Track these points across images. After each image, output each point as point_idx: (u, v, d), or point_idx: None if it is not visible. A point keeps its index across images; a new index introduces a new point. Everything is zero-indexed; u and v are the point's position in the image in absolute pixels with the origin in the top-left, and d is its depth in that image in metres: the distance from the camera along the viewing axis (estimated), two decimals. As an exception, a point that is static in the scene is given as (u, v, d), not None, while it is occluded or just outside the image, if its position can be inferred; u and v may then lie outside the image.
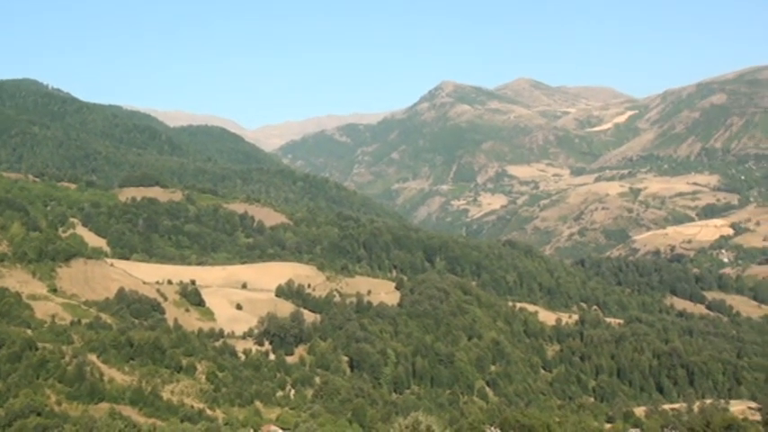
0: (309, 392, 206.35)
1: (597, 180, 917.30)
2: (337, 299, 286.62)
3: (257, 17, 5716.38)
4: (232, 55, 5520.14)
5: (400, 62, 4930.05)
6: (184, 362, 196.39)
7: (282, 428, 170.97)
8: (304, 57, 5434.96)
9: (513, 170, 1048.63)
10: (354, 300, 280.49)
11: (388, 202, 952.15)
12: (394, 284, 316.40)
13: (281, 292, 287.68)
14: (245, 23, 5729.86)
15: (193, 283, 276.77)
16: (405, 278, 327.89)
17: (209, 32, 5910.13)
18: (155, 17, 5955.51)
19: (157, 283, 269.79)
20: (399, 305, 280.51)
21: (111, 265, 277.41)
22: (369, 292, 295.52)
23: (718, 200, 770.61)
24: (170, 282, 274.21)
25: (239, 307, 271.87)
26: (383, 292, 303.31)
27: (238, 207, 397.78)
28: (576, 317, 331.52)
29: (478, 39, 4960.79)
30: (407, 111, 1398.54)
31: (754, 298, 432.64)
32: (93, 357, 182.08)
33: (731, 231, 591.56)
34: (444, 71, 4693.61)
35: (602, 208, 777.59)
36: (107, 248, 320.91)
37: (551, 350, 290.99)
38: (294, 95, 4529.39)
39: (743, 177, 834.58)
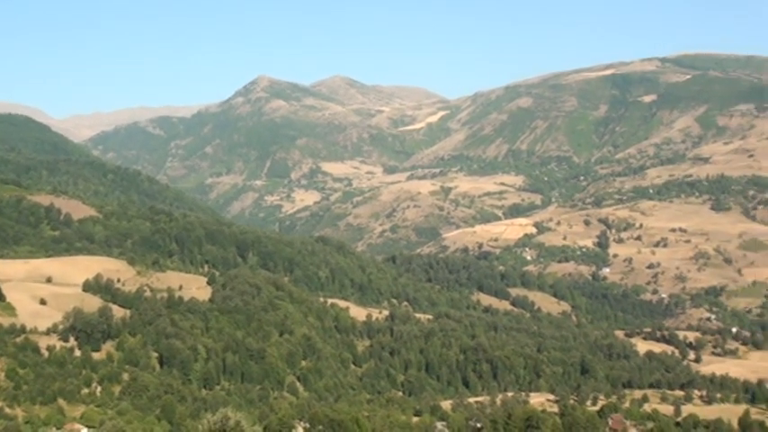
0: (117, 389, 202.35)
1: (409, 178, 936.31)
2: (148, 294, 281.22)
3: (64, 1, 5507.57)
4: (38, 41, 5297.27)
5: (215, 55, 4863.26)
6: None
7: (87, 426, 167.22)
8: (115, 46, 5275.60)
9: (328, 167, 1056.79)
10: (165, 295, 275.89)
11: (201, 196, 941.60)
12: (206, 280, 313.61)
13: (89, 287, 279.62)
14: (52, 7, 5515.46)
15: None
16: (217, 273, 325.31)
17: (16, 16, 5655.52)
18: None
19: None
20: (211, 301, 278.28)
21: None
22: (180, 288, 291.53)
23: (522, 200, 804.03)
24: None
25: (43, 302, 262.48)
26: (195, 287, 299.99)
27: (44, 199, 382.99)
28: (386, 312, 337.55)
29: (295, 35, 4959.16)
30: (222, 105, 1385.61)
31: (554, 294, 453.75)
32: None
33: (534, 230, 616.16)
34: (260, 66, 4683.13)
35: (414, 206, 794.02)
36: None
37: (362, 345, 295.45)
38: (105, 85, 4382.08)
39: (546, 178, 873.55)
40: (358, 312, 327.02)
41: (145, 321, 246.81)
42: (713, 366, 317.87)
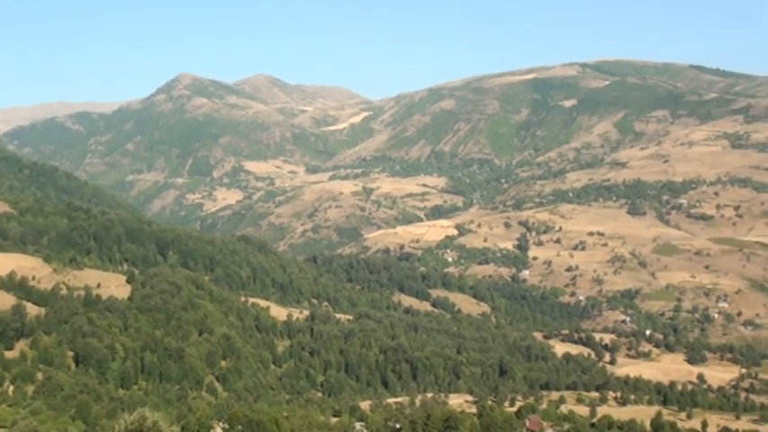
0: (30, 389, 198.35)
1: (332, 178, 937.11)
2: (64, 292, 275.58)
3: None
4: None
5: (137, 52, 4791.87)
6: None
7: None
8: (34, 39, 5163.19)
9: (250, 166, 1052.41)
10: (82, 293, 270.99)
11: (121, 193, 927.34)
12: (125, 278, 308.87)
13: (2, 284, 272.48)
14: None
15: None
16: (136, 272, 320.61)
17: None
18: None
19: None
20: (130, 299, 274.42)
21: None
22: (98, 286, 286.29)
23: (445, 201, 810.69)
24: None
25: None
26: (113, 285, 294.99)
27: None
28: (307, 312, 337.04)
29: (217, 32, 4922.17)
30: (144, 101, 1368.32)
31: (474, 296, 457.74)
32: None
33: (456, 232, 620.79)
34: (182, 63, 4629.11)
35: (336, 206, 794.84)
36: None
37: (282, 345, 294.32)
38: (22, 79, 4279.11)
39: (468, 180, 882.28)
40: (279, 312, 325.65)
41: (60, 320, 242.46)
42: (627, 368, 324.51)
